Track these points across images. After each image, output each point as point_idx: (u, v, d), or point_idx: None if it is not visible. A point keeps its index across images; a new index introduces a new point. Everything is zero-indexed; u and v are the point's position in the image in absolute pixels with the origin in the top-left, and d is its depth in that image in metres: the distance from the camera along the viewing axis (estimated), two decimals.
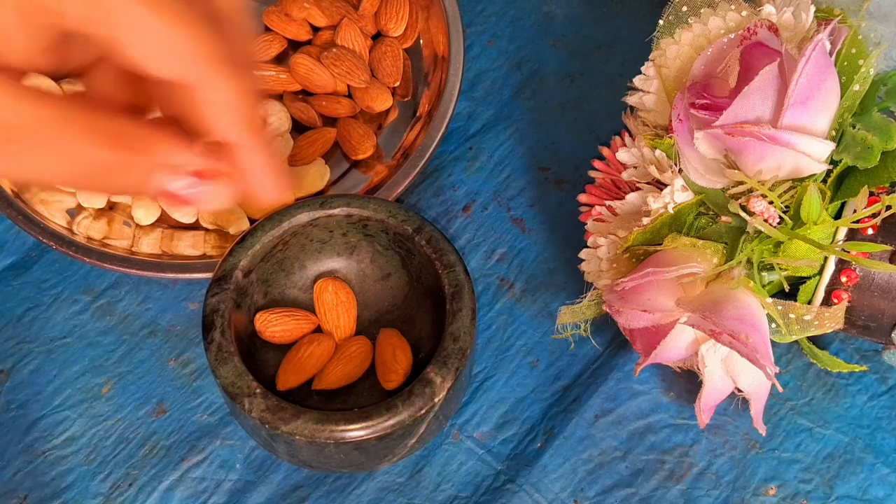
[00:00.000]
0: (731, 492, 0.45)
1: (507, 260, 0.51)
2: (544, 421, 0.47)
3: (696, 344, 0.42)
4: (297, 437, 0.40)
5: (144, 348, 0.49)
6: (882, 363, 0.47)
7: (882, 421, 0.47)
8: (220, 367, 0.41)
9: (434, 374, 0.41)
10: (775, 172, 0.40)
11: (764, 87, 0.39)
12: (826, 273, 0.42)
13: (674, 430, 0.47)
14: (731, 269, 0.41)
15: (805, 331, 0.42)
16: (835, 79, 0.40)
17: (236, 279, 0.44)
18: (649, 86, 0.44)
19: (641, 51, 0.45)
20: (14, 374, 0.48)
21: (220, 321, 0.43)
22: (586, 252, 0.46)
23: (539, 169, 0.54)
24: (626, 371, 0.48)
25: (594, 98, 0.56)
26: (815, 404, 0.47)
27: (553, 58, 0.57)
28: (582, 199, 0.48)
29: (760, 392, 0.42)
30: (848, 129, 0.41)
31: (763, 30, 0.40)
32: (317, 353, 0.45)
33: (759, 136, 0.39)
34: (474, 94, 0.56)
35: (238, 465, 0.46)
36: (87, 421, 0.47)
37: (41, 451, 0.46)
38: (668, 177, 0.42)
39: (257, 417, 0.40)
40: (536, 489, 0.45)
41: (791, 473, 0.46)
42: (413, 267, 0.46)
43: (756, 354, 0.38)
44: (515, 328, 0.50)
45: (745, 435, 0.46)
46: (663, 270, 0.40)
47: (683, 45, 0.44)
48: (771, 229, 0.40)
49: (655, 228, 0.42)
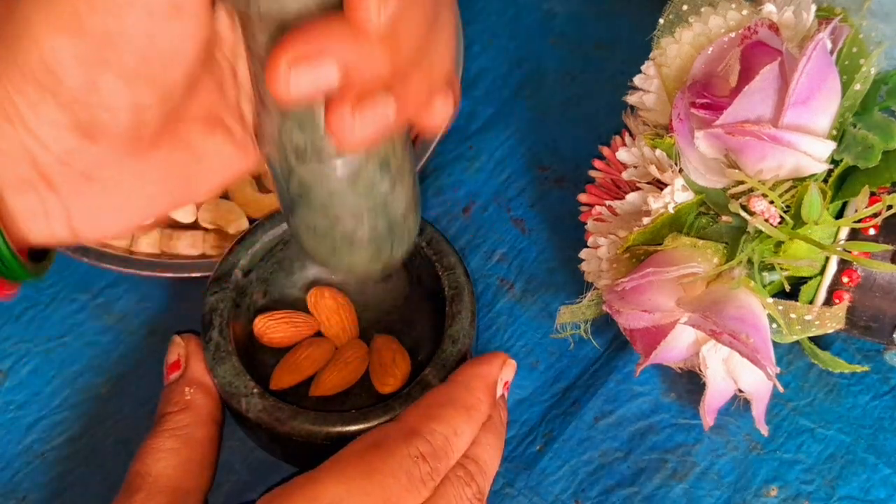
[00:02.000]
0: (732, 492, 0.45)
1: (507, 260, 0.51)
2: (543, 423, 0.47)
3: (697, 344, 0.42)
4: (295, 437, 0.40)
5: (143, 348, 0.49)
6: (884, 363, 0.47)
7: (884, 421, 0.47)
8: (217, 366, 0.41)
9: (432, 376, 0.41)
10: (776, 172, 0.40)
11: (765, 86, 0.39)
12: (828, 273, 0.42)
13: (675, 430, 0.47)
14: (731, 269, 0.41)
15: (806, 331, 0.42)
16: (836, 78, 0.40)
17: (236, 278, 0.44)
18: (650, 85, 0.44)
19: (642, 49, 0.45)
20: (12, 374, 0.48)
21: (219, 320, 0.43)
22: (586, 252, 0.45)
23: (539, 168, 0.54)
24: (626, 372, 0.48)
25: (595, 96, 0.55)
26: (816, 405, 0.47)
27: (553, 56, 0.57)
28: (582, 199, 0.47)
29: (762, 392, 0.42)
30: (849, 129, 0.41)
31: (764, 29, 0.40)
32: (314, 355, 0.45)
33: (759, 135, 0.38)
34: (474, 92, 0.56)
35: (237, 465, 0.46)
36: (87, 421, 0.47)
37: (40, 452, 0.46)
38: (669, 176, 0.42)
39: (254, 417, 0.40)
40: (536, 492, 0.45)
41: (793, 474, 0.46)
42: (413, 268, 0.46)
43: (757, 355, 0.37)
44: (515, 329, 0.49)
45: (747, 435, 0.46)
46: (663, 270, 0.40)
47: (684, 43, 0.43)
48: (772, 229, 0.39)
49: (656, 228, 0.41)
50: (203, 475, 0.40)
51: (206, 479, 0.40)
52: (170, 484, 0.39)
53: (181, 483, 0.39)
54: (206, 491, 0.40)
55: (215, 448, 0.41)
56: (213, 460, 0.41)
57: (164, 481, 0.39)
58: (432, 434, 0.38)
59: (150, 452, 0.39)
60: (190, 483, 0.39)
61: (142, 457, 0.39)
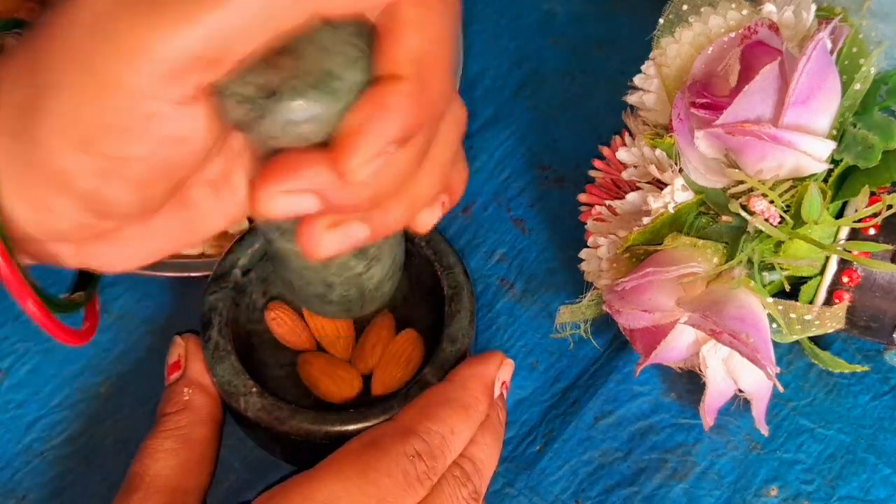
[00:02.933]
0: (732, 492, 0.45)
1: (507, 260, 0.51)
2: (543, 423, 0.47)
3: (697, 344, 0.42)
4: (293, 436, 0.40)
5: (142, 347, 0.49)
6: (884, 363, 0.47)
7: (884, 421, 0.46)
8: (216, 365, 0.41)
9: (431, 375, 0.41)
10: (776, 172, 0.40)
11: (765, 86, 0.39)
12: (828, 273, 0.42)
13: (676, 430, 0.46)
14: (731, 268, 0.41)
15: (806, 331, 0.42)
16: (836, 78, 0.40)
17: (235, 278, 0.44)
18: (650, 85, 0.44)
19: (642, 49, 0.45)
20: (12, 374, 0.48)
21: (218, 320, 0.42)
22: (586, 252, 0.45)
23: (539, 168, 0.54)
24: (625, 372, 0.48)
25: (595, 96, 0.55)
26: (816, 405, 0.47)
27: (553, 56, 0.57)
28: (582, 199, 0.47)
29: (762, 392, 0.42)
30: (849, 129, 0.41)
31: (764, 28, 0.40)
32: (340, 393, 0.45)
33: (759, 135, 0.38)
34: (474, 92, 0.56)
35: (236, 463, 0.46)
36: (86, 421, 0.47)
37: (40, 451, 0.46)
38: (669, 176, 0.42)
39: (253, 416, 0.40)
40: (536, 492, 0.45)
41: (793, 474, 0.45)
42: (412, 268, 0.46)
43: (757, 354, 0.37)
44: (515, 329, 0.49)
45: (747, 435, 0.46)
46: (663, 270, 0.40)
47: (684, 43, 0.43)
48: (772, 229, 0.39)
49: (656, 228, 0.41)
50: (202, 475, 0.40)
51: (205, 478, 0.40)
52: (168, 484, 0.39)
53: (180, 483, 0.39)
54: (205, 490, 0.40)
55: (215, 448, 0.41)
56: (213, 460, 0.41)
57: (163, 481, 0.39)
58: (429, 433, 0.38)
59: (149, 453, 0.39)
60: (189, 483, 0.39)
61: (141, 457, 0.39)
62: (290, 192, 0.29)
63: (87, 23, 0.27)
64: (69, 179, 0.29)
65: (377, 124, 0.28)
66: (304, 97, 0.27)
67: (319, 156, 0.28)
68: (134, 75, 0.26)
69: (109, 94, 0.27)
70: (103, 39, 0.26)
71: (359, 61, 0.28)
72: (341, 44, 0.28)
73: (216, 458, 0.41)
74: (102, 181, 0.29)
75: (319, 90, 0.28)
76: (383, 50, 0.28)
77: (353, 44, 0.28)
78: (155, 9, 0.26)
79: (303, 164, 0.28)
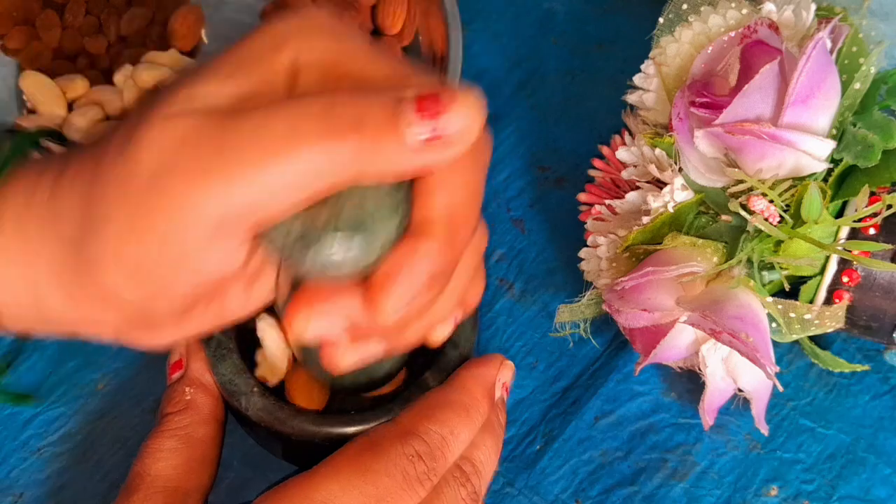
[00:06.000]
0: (732, 492, 0.45)
1: (506, 260, 0.51)
2: (543, 423, 0.47)
3: (697, 343, 0.42)
4: (294, 436, 0.40)
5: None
6: (884, 363, 0.47)
7: (884, 421, 0.46)
8: (218, 364, 0.41)
9: (432, 379, 0.41)
10: (776, 171, 0.40)
11: (764, 85, 0.39)
12: (828, 273, 0.42)
13: (676, 430, 0.46)
14: (731, 268, 0.41)
15: (806, 330, 0.42)
16: (835, 77, 0.40)
17: None
18: (649, 84, 0.44)
19: (642, 48, 0.45)
20: (9, 371, 0.48)
21: None
22: (586, 251, 0.45)
23: (539, 168, 0.54)
24: (625, 372, 0.48)
25: (595, 95, 0.55)
26: (817, 404, 0.47)
27: (553, 55, 0.57)
28: (582, 199, 0.47)
29: (762, 392, 0.42)
30: (849, 128, 0.41)
31: (763, 28, 0.40)
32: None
33: (759, 134, 0.38)
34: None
35: (235, 462, 0.46)
36: (83, 418, 0.47)
37: (37, 449, 0.46)
38: (668, 175, 0.42)
39: (254, 416, 0.40)
40: (536, 492, 0.45)
41: (793, 474, 0.45)
42: None
43: (756, 354, 0.37)
44: (515, 329, 0.49)
45: (748, 435, 0.46)
46: (663, 269, 0.40)
47: (684, 43, 0.43)
48: (771, 228, 0.39)
49: (655, 227, 0.41)
50: (204, 475, 0.40)
51: (206, 478, 0.40)
52: (169, 484, 0.39)
53: (181, 483, 0.39)
54: (206, 490, 0.40)
55: (216, 447, 0.41)
56: (215, 459, 0.41)
57: (163, 481, 0.39)
58: (428, 434, 0.38)
59: (150, 453, 0.39)
60: (190, 483, 0.39)
61: (142, 457, 0.39)
62: (322, 319, 0.32)
63: (144, 176, 0.30)
64: (115, 294, 0.32)
65: (410, 271, 0.31)
66: (343, 245, 0.31)
67: (354, 291, 0.32)
68: (184, 231, 0.30)
69: (163, 242, 0.30)
70: (158, 195, 0.30)
71: (396, 212, 0.31)
72: (381, 196, 0.31)
73: (218, 458, 0.41)
74: (147, 300, 0.32)
75: (358, 239, 0.31)
76: (418, 206, 0.32)
77: (392, 195, 0.31)
78: (206, 172, 0.29)
79: (337, 297, 0.32)
